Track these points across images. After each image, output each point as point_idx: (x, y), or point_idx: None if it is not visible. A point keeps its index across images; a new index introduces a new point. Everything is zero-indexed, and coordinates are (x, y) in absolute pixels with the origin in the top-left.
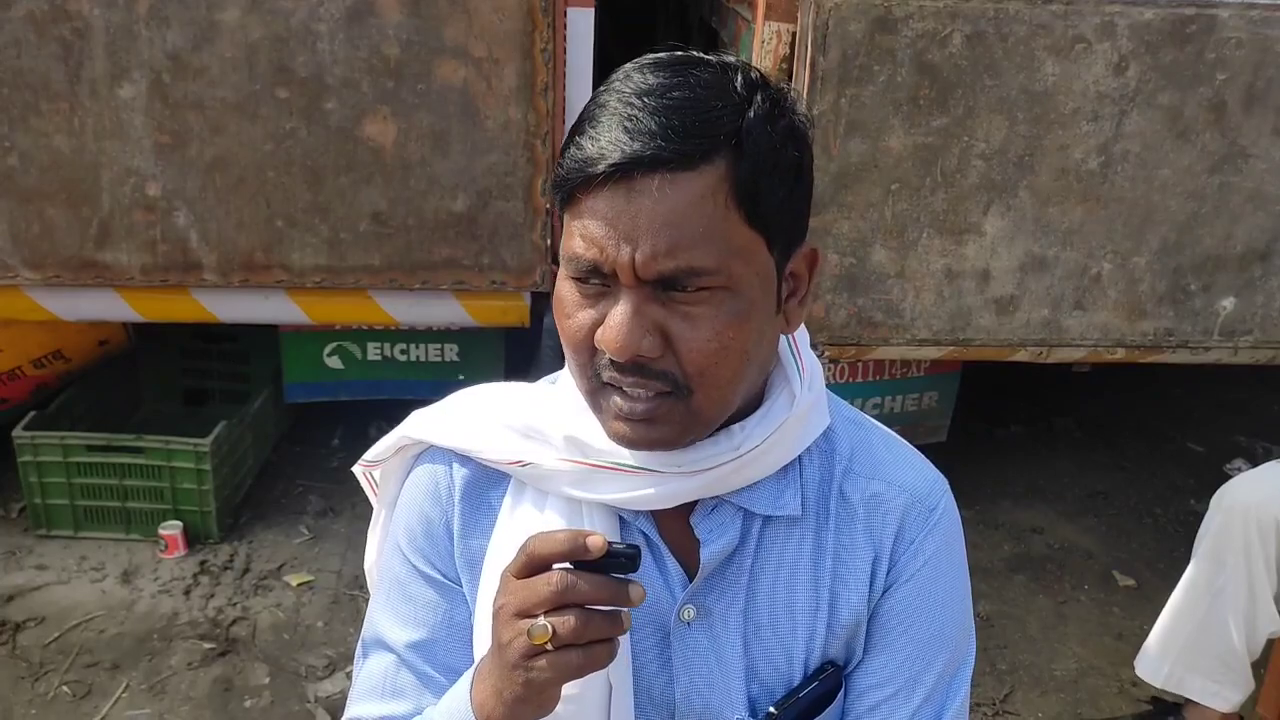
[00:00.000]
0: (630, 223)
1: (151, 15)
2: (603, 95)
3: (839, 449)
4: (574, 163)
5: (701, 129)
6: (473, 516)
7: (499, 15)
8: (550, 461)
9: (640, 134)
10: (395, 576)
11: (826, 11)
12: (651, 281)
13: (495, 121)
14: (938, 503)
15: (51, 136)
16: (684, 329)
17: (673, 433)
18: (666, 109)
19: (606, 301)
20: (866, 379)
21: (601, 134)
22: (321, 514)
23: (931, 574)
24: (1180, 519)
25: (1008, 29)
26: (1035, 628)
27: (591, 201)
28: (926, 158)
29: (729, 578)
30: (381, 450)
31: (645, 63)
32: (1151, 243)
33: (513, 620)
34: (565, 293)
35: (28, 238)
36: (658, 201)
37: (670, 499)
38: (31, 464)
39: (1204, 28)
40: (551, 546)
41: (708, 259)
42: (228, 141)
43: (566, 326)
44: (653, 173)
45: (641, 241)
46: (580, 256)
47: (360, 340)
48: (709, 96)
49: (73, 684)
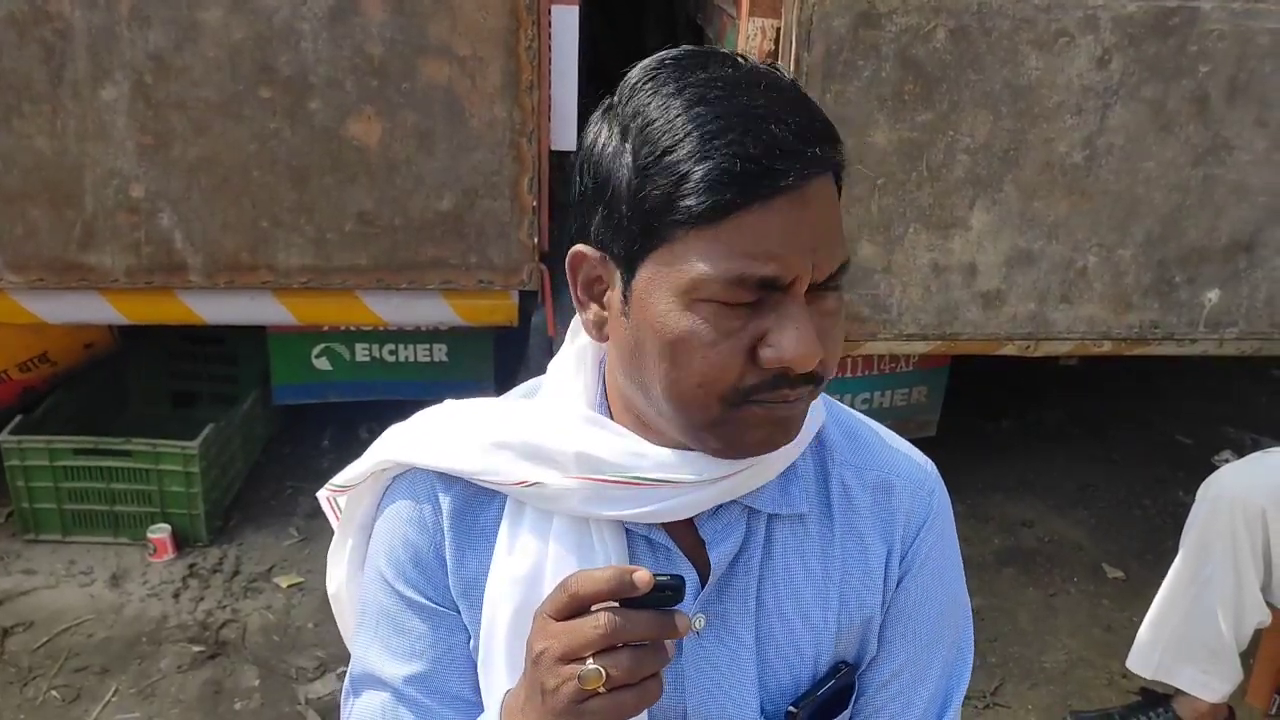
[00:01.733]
0: (810, 231)
1: (133, 16)
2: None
3: (829, 442)
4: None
5: (829, 127)
6: (465, 540)
7: (483, 13)
8: (559, 480)
9: (806, 137)
10: (383, 609)
11: (810, 7)
12: (814, 285)
13: (480, 120)
14: (934, 487)
15: (34, 138)
16: (828, 325)
17: (799, 425)
18: (800, 106)
19: (761, 318)
20: (855, 374)
21: (751, 140)
22: (311, 515)
23: (937, 559)
24: (1169, 511)
25: (991, 23)
26: (1025, 620)
27: (759, 215)
28: (912, 153)
29: (739, 580)
30: (356, 475)
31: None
32: (1136, 235)
33: (557, 665)
34: (696, 323)
35: (10, 240)
36: (826, 204)
37: (685, 510)
38: (18, 468)
39: (1186, 20)
40: (596, 586)
41: (845, 252)
42: (211, 142)
43: (709, 357)
44: (814, 175)
45: (820, 246)
46: (751, 275)
47: (349, 341)
48: (793, 87)
49: (62, 688)
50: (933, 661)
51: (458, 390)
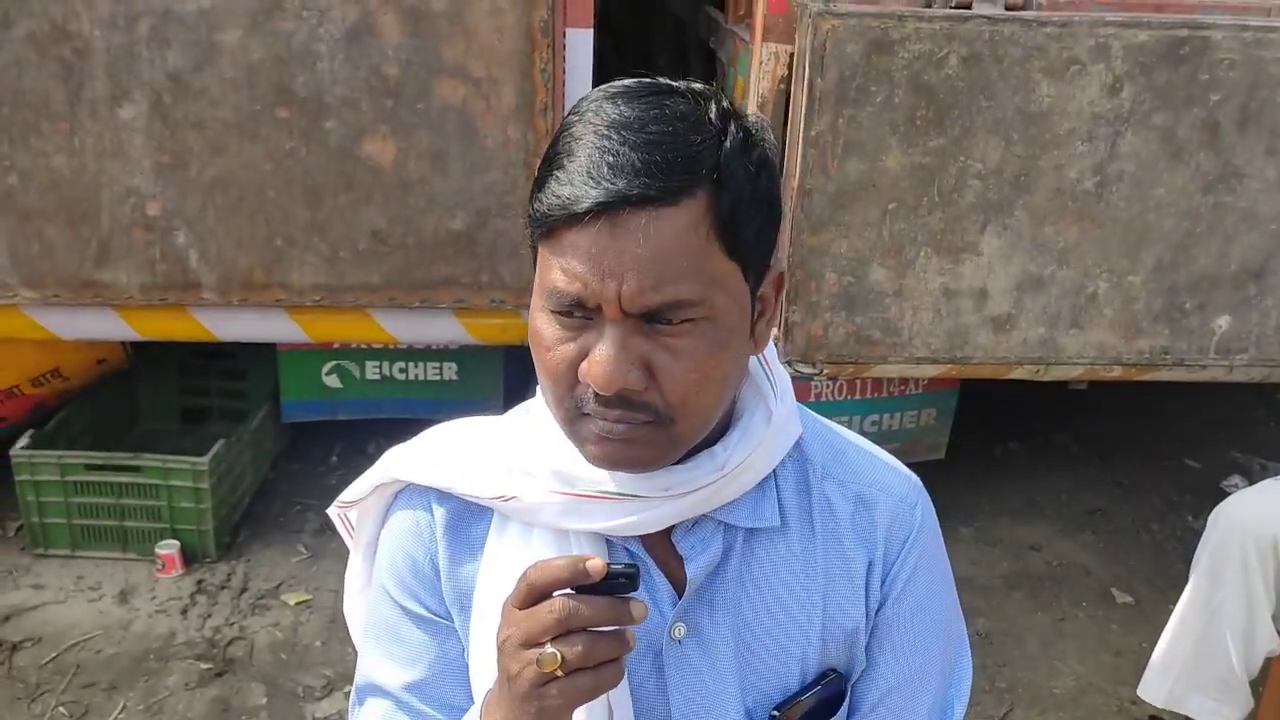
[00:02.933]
0: (616, 258)
1: (152, 36)
2: (575, 127)
3: (812, 456)
4: (555, 199)
5: (684, 164)
6: (458, 552)
7: (498, 35)
8: (536, 494)
9: (623, 170)
10: (384, 620)
11: (824, 33)
12: (636, 315)
13: (494, 140)
14: (917, 500)
15: (51, 156)
16: (668, 361)
17: (651, 454)
18: (647, 143)
19: (588, 334)
20: (864, 396)
21: (581, 169)
22: (319, 533)
23: (924, 574)
24: (1178, 536)
25: (1003, 51)
26: (1034, 645)
27: (574, 237)
28: (923, 177)
29: (717, 592)
30: (359, 492)
31: (615, 92)
32: (1147, 262)
33: (519, 651)
34: (543, 325)
35: (27, 257)
36: (644, 238)
37: (658, 523)
38: (29, 483)
39: (1197, 49)
40: (551, 574)
41: (692, 292)
42: (228, 161)
43: (546, 359)
44: (638, 210)
45: (628, 277)
46: (563, 291)
47: (359, 359)
48: (687, 129)
49: (69, 704)
50: (928, 677)
51: (467, 408)
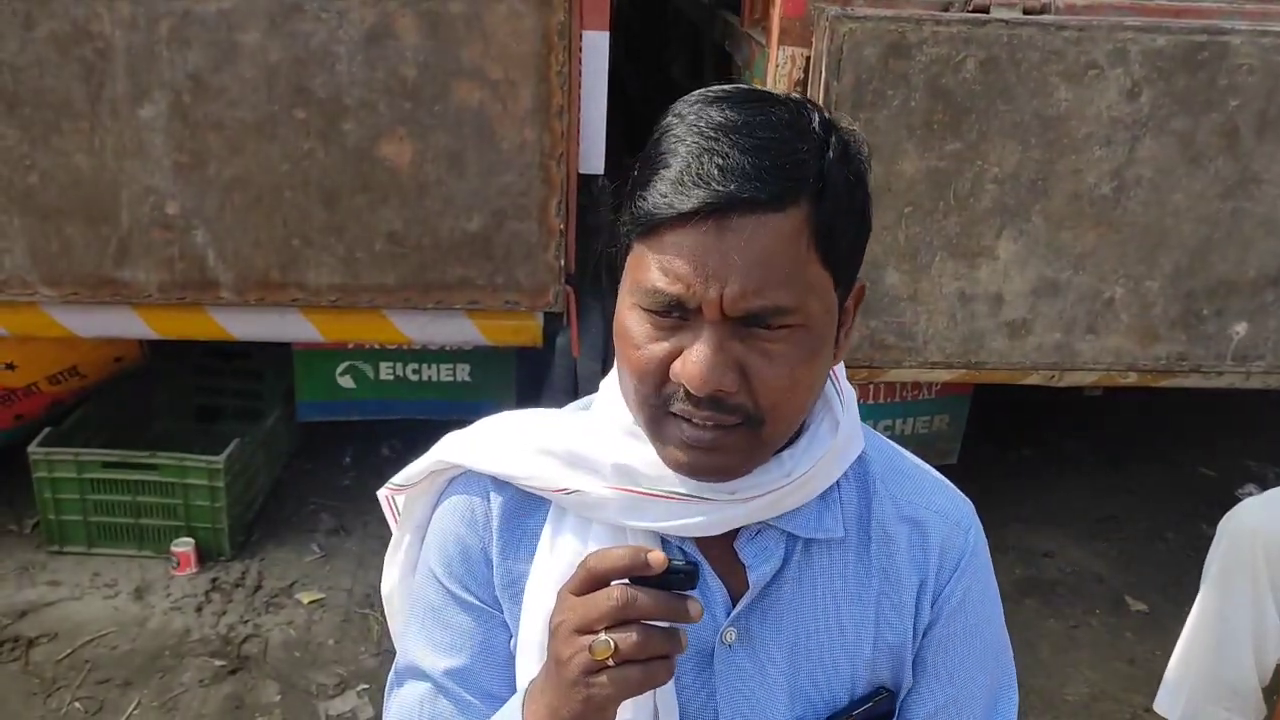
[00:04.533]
0: (720, 261)
1: (173, 36)
2: (677, 128)
3: (872, 472)
4: (661, 197)
5: (792, 170)
6: (512, 542)
7: (516, 38)
8: (598, 489)
9: (734, 173)
10: (430, 604)
11: (841, 36)
12: (735, 318)
13: (511, 143)
14: (970, 525)
15: (72, 155)
16: (762, 365)
17: (736, 461)
18: (756, 148)
19: (683, 335)
20: (878, 401)
21: (689, 169)
22: (333, 532)
23: (975, 598)
24: (1192, 544)
25: (1021, 55)
26: (1046, 652)
27: (678, 237)
28: (940, 181)
29: (772, 601)
30: (413, 474)
31: (716, 96)
32: (1164, 267)
33: (572, 637)
34: (634, 323)
35: (47, 255)
36: (749, 241)
37: (719, 526)
38: (46, 480)
39: (1216, 54)
40: (611, 562)
41: (791, 298)
42: (246, 161)
43: (635, 357)
44: (746, 213)
45: (731, 280)
46: (662, 290)
47: (373, 360)
48: (793, 136)
49: (84, 700)
50: (974, 700)
51: (480, 410)
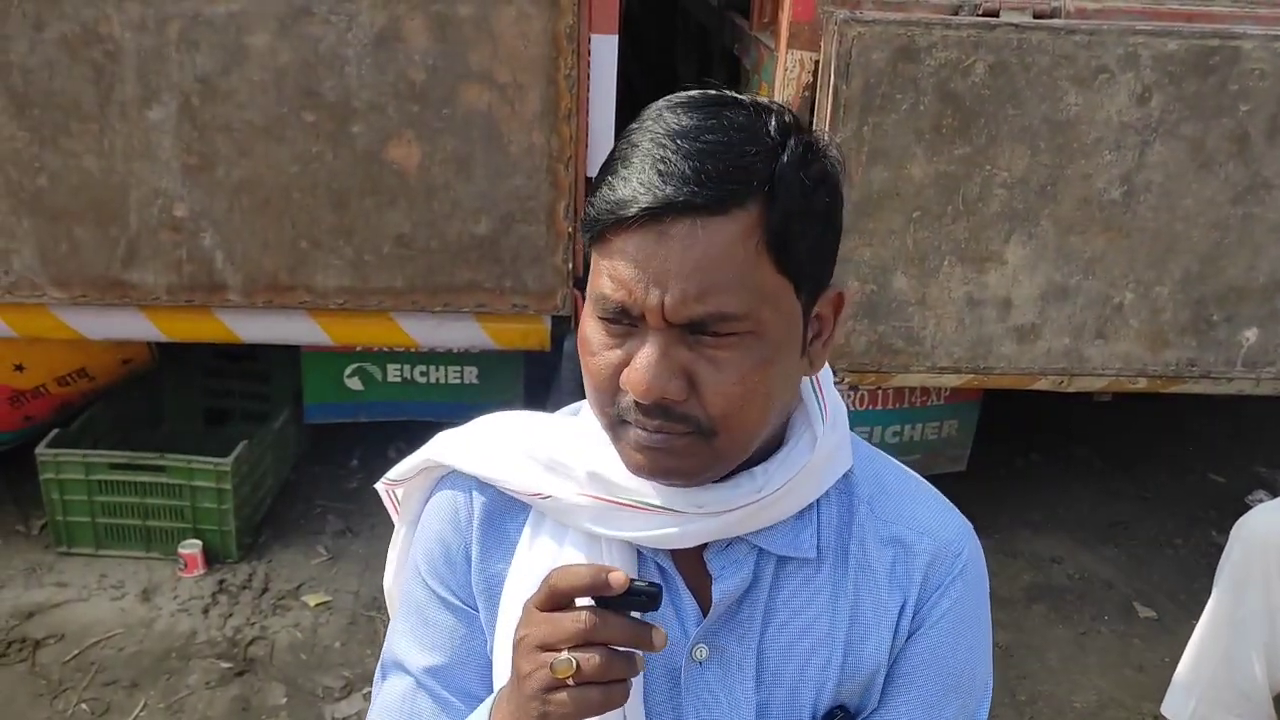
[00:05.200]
0: (660, 266)
1: (182, 39)
2: (635, 134)
3: (858, 491)
4: (605, 203)
5: (734, 174)
6: (491, 544)
7: (524, 41)
8: (571, 495)
9: (672, 177)
10: (415, 600)
11: (850, 40)
12: (680, 325)
13: (519, 146)
14: (963, 548)
15: (81, 157)
16: (710, 373)
17: (691, 466)
18: (700, 152)
19: (633, 342)
20: (886, 406)
21: (633, 175)
22: (340, 534)
23: (954, 621)
24: (1201, 550)
25: (1031, 59)
26: (1055, 658)
27: (621, 243)
28: (948, 186)
29: (743, 617)
30: (405, 470)
31: (678, 102)
32: (1174, 273)
33: (535, 652)
34: (591, 330)
35: (55, 257)
36: (689, 246)
37: (690, 539)
38: (54, 481)
39: (1227, 59)
40: (574, 580)
41: (737, 304)
42: (254, 164)
43: (591, 364)
44: (684, 217)
45: (671, 285)
46: (608, 297)
47: (380, 362)
48: (742, 140)
49: (91, 701)
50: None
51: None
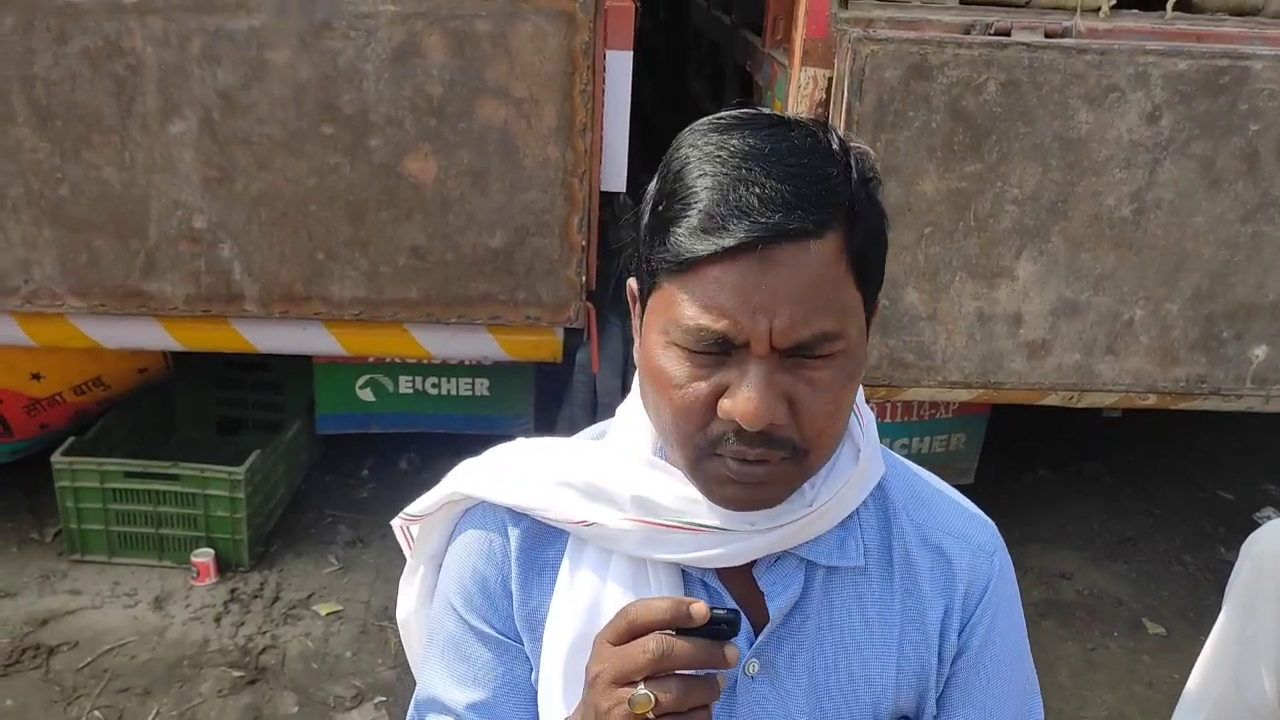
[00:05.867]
0: (768, 293)
1: (204, 54)
2: (695, 159)
3: (893, 498)
4: (698, 234)
5: (827, 196)
6: (530, 576)
7: (540, 57)
8: (616, 521)
9: (774, 203)
10: (450, 636)
11: (863, 58)
12: (783, 350)
13: (534, 160)
14: (995, 547)
15: (102, 169)
16: (808, 394)
17: (782, 493)
18: (790, 175)
19: (727, 371)
20: (895, 420)
21: (727, 202)
22: (350, 544)
23: (1004, 625)
24: (1210, 567)
25: (1042, 77)
26: (1064, 674)
27: (719, 272)
28: (960, 202)
29: (794, 630)
30: (427, 505)
31: (730, 124)
32: (1184, 290)
33: (611, 689)
34: (670, 362)
35: (75, 267)
36: (794, 271)
37: (739, 557)
38: (69, 489)
39: (1237, 79)
40: (653, 615)
41: (835, 324)
42: (273, 176)
43: (677, 396)
44: (788, 242)
45: (779, 312)
46: (707, 328)
47: (392, 373)
48: (821, 161)
49: (104, 709)
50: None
51: (498, 424)
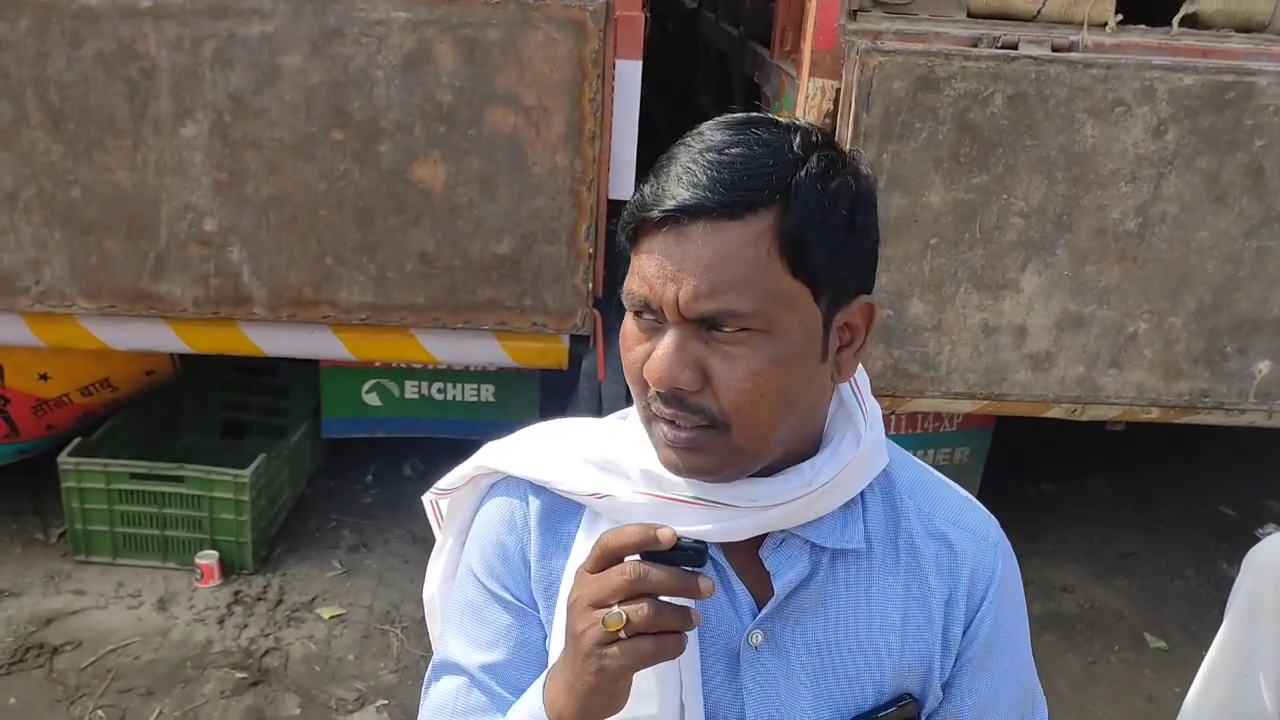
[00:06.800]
0: (677, 264)
1: (216, 58)
2: (675, 149)
3: (899, 487)
4: (635, 207)
5: (748, 182)
6: (549, 544)
7: (550, 65)
8: (627, 494)
9: (692, 185)
10: (469, 601)
11: (871, 70)
12: (694, 320)
13: (542, 167)
14: (999, 539)
15: (114, 171)
16: (722, 367)
17: (712, 462)
18: (720, 163)
19: (657, 337)
20: (899, 432)
21: (662, 183)
22: (354, 549)
23: (1008, 617)
24: (1212, 582)
25: (1049, 91)
26: (1065, 687)
27: (648, 243)
28: (966, 214)
29: (797, 608)
30: (454, 479)
31: (718, 122)
32: (1188, 304)
33: (587, 610)
34: (628, 327)
35: (85, 268)
36: (702, 246)
37: (743, 532)
38: (74, 490)
39: (1242, 94)
40: (624, 539)
41: (746, 303)
42: (283, 181)
43: (626, 359)
44: (698, 219)
45: (685, 282)
46: (634, 293)
47: (398, 378)
48: (763, 154)
49: (107, 709)
50: (1001, 709)
51: (503, 430)
